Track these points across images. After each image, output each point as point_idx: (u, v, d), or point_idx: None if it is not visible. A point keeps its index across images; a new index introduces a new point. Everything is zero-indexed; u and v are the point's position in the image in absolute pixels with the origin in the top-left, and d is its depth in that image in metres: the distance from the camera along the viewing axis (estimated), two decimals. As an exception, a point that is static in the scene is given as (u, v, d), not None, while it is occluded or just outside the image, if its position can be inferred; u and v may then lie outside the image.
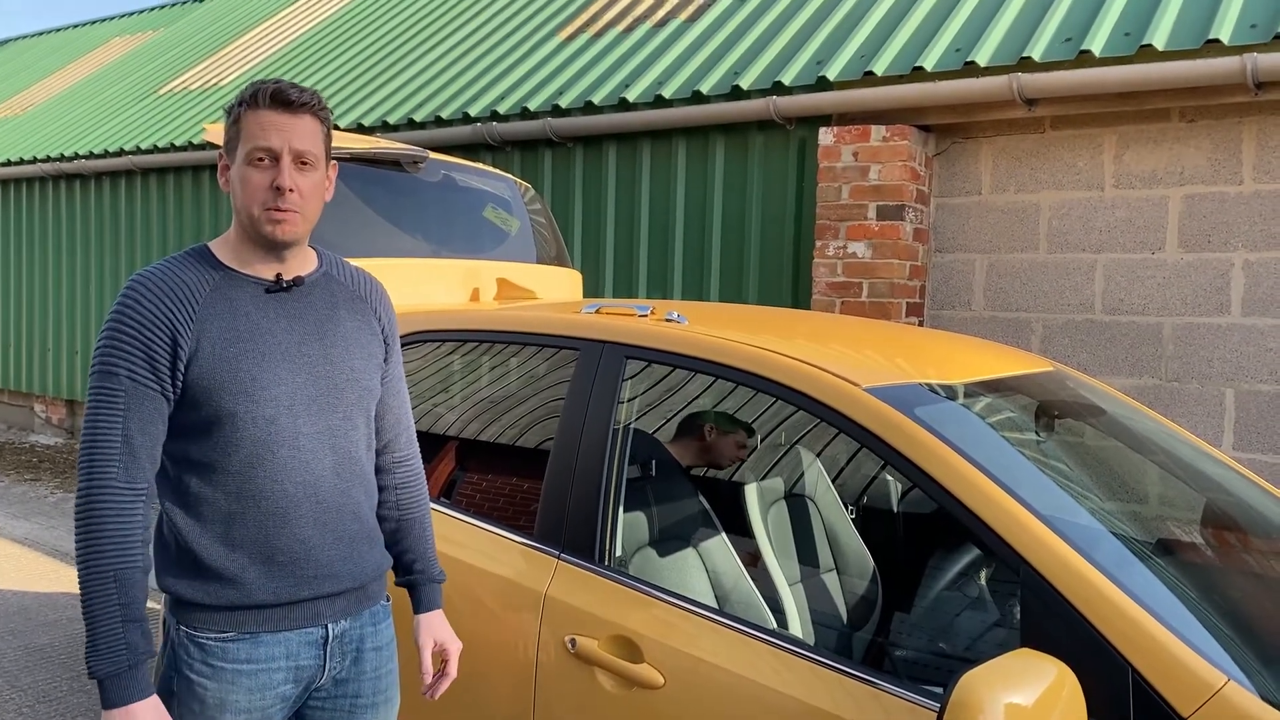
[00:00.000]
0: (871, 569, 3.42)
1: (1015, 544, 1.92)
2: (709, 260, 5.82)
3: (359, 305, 1.98)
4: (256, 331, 1.81)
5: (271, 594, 1.83)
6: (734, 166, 5.74)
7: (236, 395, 1.77)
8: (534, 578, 2.47)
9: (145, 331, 1.75)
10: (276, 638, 1.83)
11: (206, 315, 1.78)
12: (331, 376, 1.87)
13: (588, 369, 2.61)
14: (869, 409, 2.19)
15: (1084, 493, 2.29)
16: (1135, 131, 4.75)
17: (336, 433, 1.88)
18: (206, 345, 1.77)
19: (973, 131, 5.16)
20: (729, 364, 2.41)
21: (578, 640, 2.33)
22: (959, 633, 2.49)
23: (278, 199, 1.79)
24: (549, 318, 2.83)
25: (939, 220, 5.30)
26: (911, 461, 2.09)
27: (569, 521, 2.49)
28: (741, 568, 2.87)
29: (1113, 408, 2.81)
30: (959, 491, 2.02)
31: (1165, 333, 4.72)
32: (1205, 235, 4.62)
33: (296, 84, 1.87)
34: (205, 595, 1.80)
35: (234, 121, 1.81)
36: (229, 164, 1.84)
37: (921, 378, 2.43)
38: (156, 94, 10.09)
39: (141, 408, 1.75)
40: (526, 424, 2.92)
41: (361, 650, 1.95)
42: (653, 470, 2.86)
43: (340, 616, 1.90)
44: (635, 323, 2.63)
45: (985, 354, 2.89)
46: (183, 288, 1.79)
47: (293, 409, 1.81)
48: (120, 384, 1.74)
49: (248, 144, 1.79)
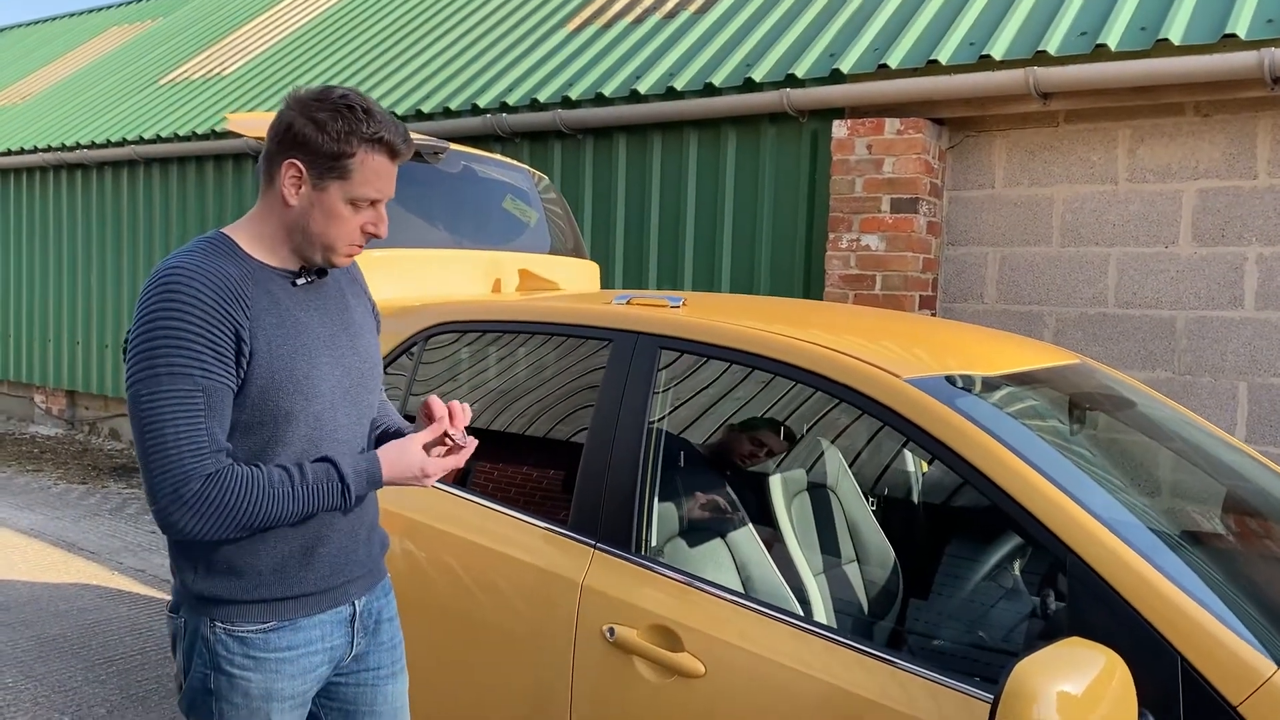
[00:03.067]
0: (893, 560, 3.43)
1: (1063, 535, 1.93)
2: (720, 253, 5.83)
3: (356, 287, 2.01)
4: (299, 327, 1.80)
5: (312, 584, 1.85)
6: (745, 159, 5.75)
7: (293, 394, 1.76)
8: (570, 567, 2.47)
9: (211, 329, 1.68)
10: (313, 620, 1.86)
11: (257, 311, 1.74)
12: (359, 367, 1.90)
13: (621, 360, 2.61)
14: (912, 400, 2.20)
15: (1125, 485, 2.31)
16: (1149, 126, 4.77)
17: (364, 419, 1.91)
18: (263, 343, 1.74)
19: (986, 125, 5.17)
20: (765, 355, 2.42)
21: (616, 629, 2.34)
22: (994, 623, 2.50)
23: (363, 239, 1.80)
24: (581, 309, 2.83)
25: (952, 213, 5.32)
26: (956, 453, 2.10)
27: (605, 512, 2.50)
28: (769, 559, 2.88)
29: (1142, 401, 2.83)
30: (1004, 483, 2.03)
31: (1178, 326, 4.74)
32: (1219, 229, 4.64)
33: (399, 125, 1.78)
34: (243, 591, 1.80)
35: (340, 153, 1.72)
36: (306, 179, 1.74)
37: (958, 369, 2.44)
38: (158, 84, 10.04)
39: (221, 406, 1.70)
40: (557, 415, 2.93)
41: (380, 622, 2.01)
42: (682, 460, 2.87)
43: (363, 592, 1.95)
44: (669, 313, 2.64)
45: (1013, 346, 2.90)
46: (233, 283, 1.73)
47: (334, 403, 1.83)
48: (196, 384, 1.66)
49: (357, 188, 1.74)
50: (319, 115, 1.71)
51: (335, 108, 1.71)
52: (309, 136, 1.71)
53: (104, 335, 9.46)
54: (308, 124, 1.71)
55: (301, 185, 1.74)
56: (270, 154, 1.77)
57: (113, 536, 6.39)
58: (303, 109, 1.73)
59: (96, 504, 7.29)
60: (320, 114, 1.71)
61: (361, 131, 1.71)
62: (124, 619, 4.93)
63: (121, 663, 4.40)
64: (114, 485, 7.89)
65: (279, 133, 1.75)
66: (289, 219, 1.78)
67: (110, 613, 5.01)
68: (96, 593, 5.31)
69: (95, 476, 8.17)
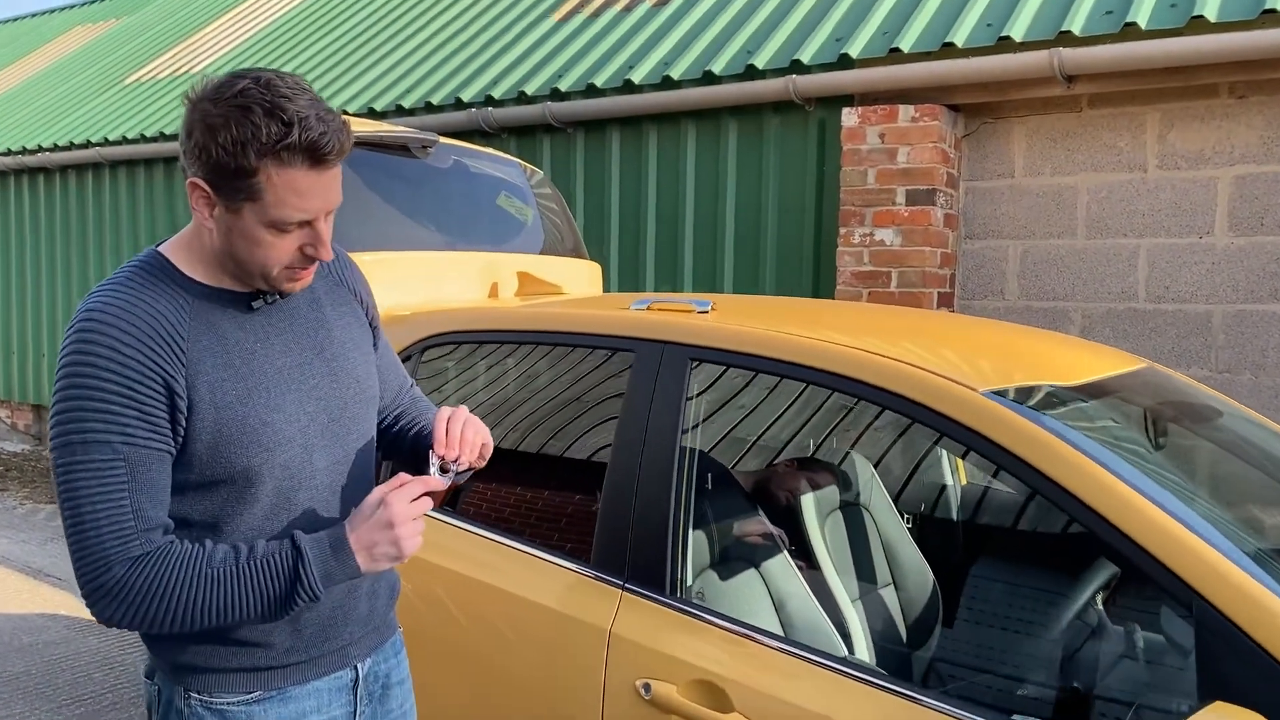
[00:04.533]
0: (932, 583, 3.16)
1: (1189, 577, 1.64)
2: (722, 251, 5.53)
3: (338, 292, 1.68)
4: (253, 362, 1.50)
5: (304, 649, 1.60)
6: (748, 151, 5.44)
7: (250, 448, 1.47)
8: (595, 612, 2.17)
9: (134, 385, 1.39)
10: (305, 689, 1.61)
11: (196, 353, 1.45)
12: (340, 396, 1.60)
13: (646, 373, 2.30)
14: (993, 416, 1.90)
15: (1241, 511, 2.02)
16: (1180, 109, 4.50)
17: (352, 457, 1.62)
18: (204, 391, 1.45)
19: (1003, 111, 4.89)
20: (817, 367, 2.11)
21: (653, 685, 2.04)
22: (1085, 667, 2.21)
23: (305, 262, 1.48)
24: (597, 315, 2.52)
25: (968, 205, 5.04)
26: (1048, 477, 1.81)
27: (633, 547, 2.19)
28: (807, 590, 2.59)
29: (1225, 408, 2.55)
30: (1112, 513, 1.73)
31: (1215, 321, 4.47)
32: (1258, 217, 4.38)
33: (325, 117, 1.38)
34: (222, 658, 1.55)
35: (239, 169, 1.36)
36: (215, 201, 1.41)
37: (1028, 379, 2.15)
38: (123, 83, 9.65)
39: (149, 475, 1.42)
40: (573, 437, 2.62)
41: (388, 686, 1.75)
42: (713, 485, 2.57)
43: (367, 654, 1.69)
44: (700, 320, 2.33)
45: (1078, 351, 2.62)
46: (161, 322, 1.43)
47: (307, 446, 1.54)
48: (116, 453, 1.38)
49: (272, 210, 1.39)
50: (214, 121, 1.35)
51: (227, 110, 1.35)
52: (205, 149, 1.36)
53: (71, 346, 9.04)
54: (204, 130, 1.36)
55: (213, 207, 1.42)
56: (181, 164, 1.45)
57: (81, 561, 6.03)
58: (201, 112, 1.37)
59: (64, 525, 6.91)
60: (215, 119, 1.35)
61: (261, 140, 1.34)
62: (93, 653, 4.59)
63: (91, 702, 4.07)
64: (83, 504, 7.51)
65: (182, 139, 1.41)
66: (213, 243, 1.48)
67: (78, 646, 4.67)
68: (64, 624, 4.96)
69: (63, 495, 7.78)
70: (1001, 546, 3.16)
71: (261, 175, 1.36)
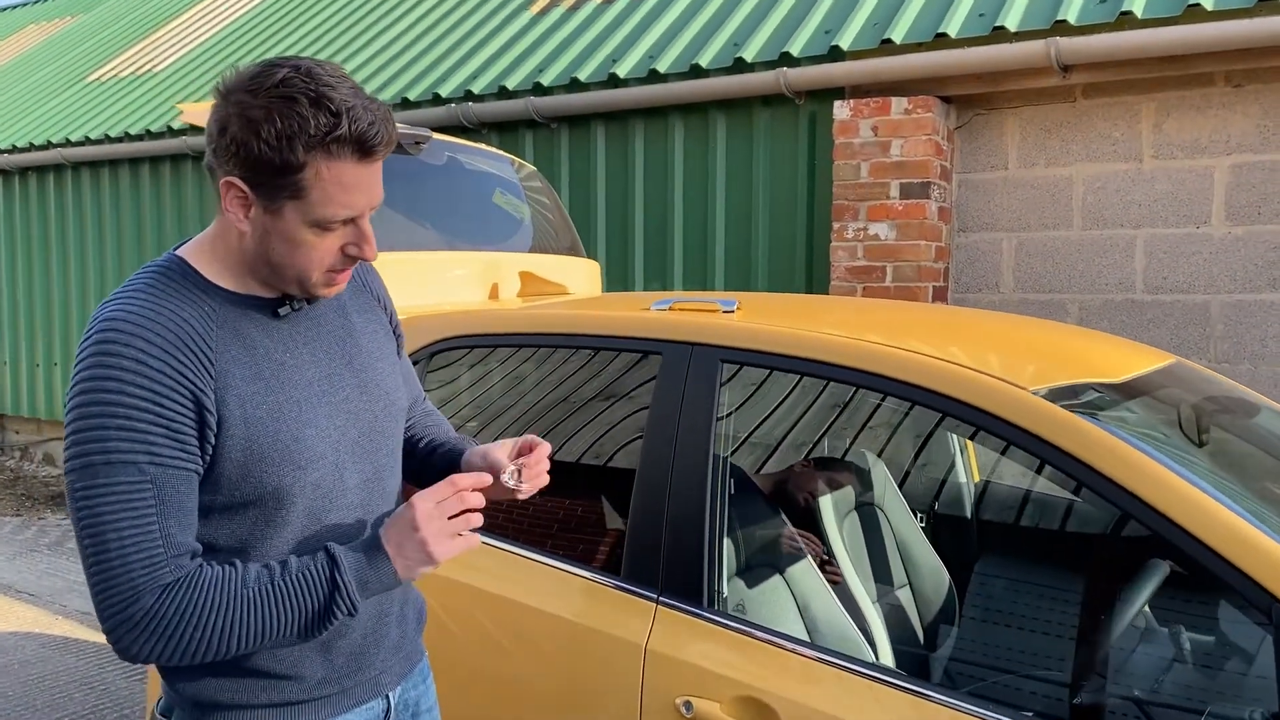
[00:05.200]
0: (948, 583, 3.11)
1: (1267, 582, 1.58)
2: (712, 247, 5.44)
3: (362, 298, 1.61)
4: (284, 374, 1.41)
5: (336, 680, 1.51)
6: (737, 145, 5.36)
7: (281, 466, 1.38)
8: (628, 627, 2.07)
9: (161, 401, 1.29)
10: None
11: (224, 365, 1.35)
12: (371, 409, 1.52)
13: (674, 376, 2.21)
14: (1050, 418, 1.83)
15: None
16: (1176, 98, 4.47)
17: (383, 473, 1.54)
18: (234, 406, 1.35)
19: (997, 102, 4.84)
20: (860, 368, 2.03)
21: (694, 703, 1.95)
22: (1135, 672, 2.15)
23: (346, 263, 1.39)
24: (619, 317, 2.43)
25: (962, 198, 4.99)
26: (1115, 482, 1.74)
27: (666, 557, 2.10)
28: (832, 595, 2.52)
29: (1258, 402, 2.50)
30: (1182, 517, 1.67)
31: (1213, 312, 4.46)
32: (1255, 207, 4.36)
33: (370, 106, 1.31)
34: (249, 693, 1.46)
35: (285, 165, 1.27)
36: (253, 201, 1.32)
37: (1077, 377, 2.09)
38: (84, 81, 9.39)
39: (178, 497, 1.32)
40: (595, 443, 2.52)
41: (417, 715, 1.67)
42: (741, 490, 2.49)
43: (397, 681, 1.60)
44: (730, 321, 2.24)
45: (1110, 346, 2.56)
46: (188, 331, 1.33)
47: (338, 463, 1.45)
48: (143, 474, 1.28)
49: (318, 209, 1.31)
50: (253, 114, 1.27)
51: (271, 102, 1.26)
52: (245, 145, 1.27)
53: (34, 354, 8.80)
54: (242, 125, 1.27)
55: (250, 208, 1.33)
56: (209, 164, 1.35)
57: (53, 575, 5.84)
58: (237, 105, 1.29)
59: (33, 538, 6.70)
60: (255, 111, 1.27)
61: (309, 133, 1.26)
62: (72, 672, 4.43)
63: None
64: (51, 516, 7.30)
65: (212, 137, 1.32)
66: (246, 246, 1.38)
67: (56, 665, 4.50)
68: (39, 642, 4.78)
69: (30, 507, 7.56)
70: (1026, 544, 3.11)
71: (309, 170, 1.27)
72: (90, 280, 8.31)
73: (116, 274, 8.13)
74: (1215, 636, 2.04)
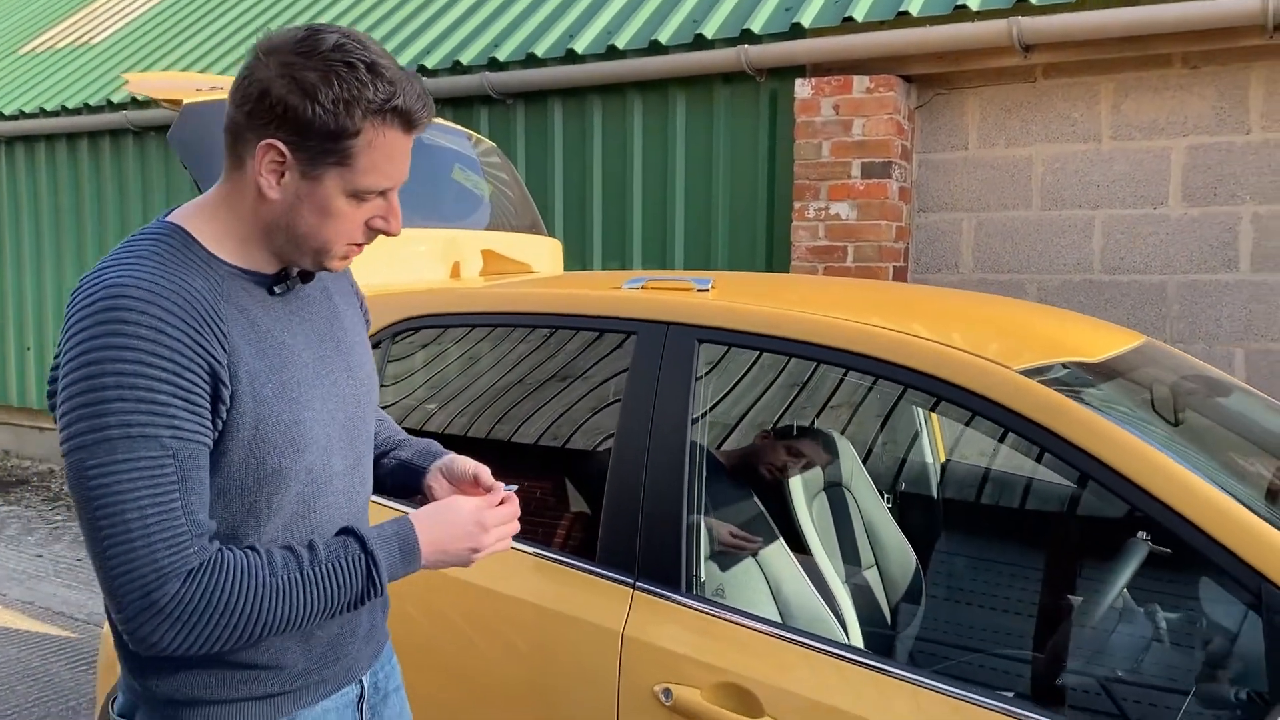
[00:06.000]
0: (914, 563, 3.11)
1: (1258, 563, 1.57)
2: (671, 227, 5.39)
3: (341, 282, 1.59)
4: (284, 353, 1.38)
5: (314, 673, 1.47)
6: (697, 124, 5.30)
7: (283, 448, 1.35)
8: (604, 613, 2.02)
9: (179, 371, 1.24)
10: (315, 712, 1.49)
11: (234, 339, 1.31)
12: (355, 394, 1.50)
13: (649, 356, 2.16)
14: (1034, 397, 1.81)
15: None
16: (1134, 79, 4.50)
17: (362, 459, 1.52)
18: (245, 382, 1.31)
19: (957, 82, 4.84)
20: (841, 348, 2.00)
21: (674, 691, 1.91)
22: (1115, 654, 2.14)
23: (369, 237, 1.38)
24: (590, 296, 2.37)
25: (922, 178, 4.98)
26: (1104, 463, 1.72)
27: (643, 541, 2.06)
28: (805, 577, 2.49)
29: (1232, 384, 2.51)
30: (1175, 500, 1.65)
31: (1169, 292, 4.50)
32: (1211, 188, 4.41)
33: (414, 80, 1.32)
34: (227, 688, 1.40)
35: (340, 131, 1.26)
36: (291, 166, 1.28)
37: (1053, 356, 2.07)
38: (18, 53, 9.06)
39: (198, 474, 1.26)
40: (567, 426, 2.46)
41: (386, 695, 1.65)
42: (716, 472, 2.44)
43: (369, 665, 1.58)
44: (706, 300, 2.19)
45: (1081, 325, 2.55)
46: (203, 302, 1.28)
47: (328, 448, 1.43)
48: (165, 448, 1.22)
49: (362, 178, 1.29)
50: (306, 77, 1.25)
51: (329, 66, 1.25)
52: (294, 108, 1.25)
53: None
54: (292, 89, 1.25)
55: (285, 172, 1.30)
56: (238, 127, 1.30)
57: (-8, 564, 5.66)
58: (284, 66, 1.26)
59: (-30, 526, 6.49)
60: (308, 74, 1.25)
61: (368, 99, 1.25)
62: (14, 663, 4.28)
63: (15, 717, 3.78)
64: (-11, 503, 7.07)
65: (250, 98, 1.28)
66: (268, 215, 1.33)
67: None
68: (-22, 634, 4.62)
69: (-34, 494, 7.32)
70: (995, 523, 3.11)
71: (362, 138, 1.26)
72: (26, 262, 8.03)
73: (54, 256, 7.88)
74: (1194, 616, 2.04)
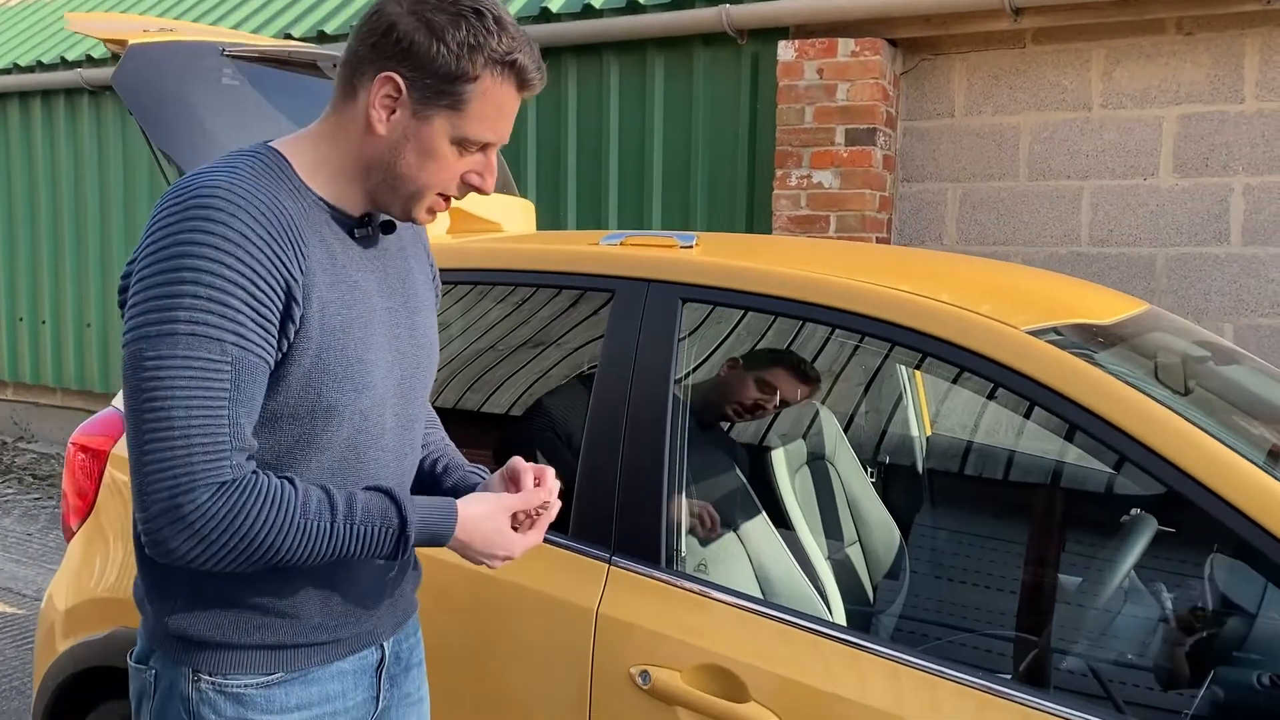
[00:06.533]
0: (898, 540, 3.00)
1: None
2: (649, 194, 5.23)
3: (419, 248, 1.58)
4: (356, 293, 1.38)
5: (335, 625, 1.45)
6: (676, 87, 5.14)
7: (342, 383, 1.34)
8: (578, 590, 1.89)
9: (258, 282, 1.24)
10: (330, 670, 1.46)
11: (312, 264, 1.32)
12: (415, 356, 1.49)
13: (628, 316, 2.01)
14: (1047, 359, 1.68)
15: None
16: (1126, 45, 4.38)
17: (415, 424, 1.51)
18: (316, 308, 1.31)
19: (944, 46, 4.70)
20: (835, 306, 1.85)
21: (652, 673, 1.78)
22: (1122, 635, 2.03)
23: (462, 191, 1.39)
24: (564, 251, 2.21)
25: (906, 146, 4.85)
26: (1120, 429, 1.59)
27: (620, 513, 1.91)
28: (788, 553, 2.37)
29: (1238, 350, 2.40)
30: (1193, 467, 1.53)
31: (1158, 265, 4.40)
32: (1203, 158, 4.30)
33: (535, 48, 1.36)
34: (242, 632, 1.39)
35: (460, 73, 1.29)
36: (405, 102, 1.30)
37: (1062, 318, 1.94)
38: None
39: (252, 387, 1.26)
40: (535, 389, 2.31)
41: (410, 667, 1.61)
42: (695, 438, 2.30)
43: (393, 631, 1.56)
44: (691, 256, 2.04)
45: (1082, 290, 2.43)
46: (290, 219, 1.29)
47: (383, 400, 1.42)
48: (226, 354, 1.22)
49: (470, 125, 1.32)
50: (436, 18, 1.30)
51: (459, 11, 1.31)
52: (419, 45, 1.29)
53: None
54: (419, 27, 1.29)
55: (396, 109, 1.32)
56: (358, 58, 1.33)
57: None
58: (415, 4, 1.31)
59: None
60: (438, 16, 1.30)
61: (492, 48, 1.30)
62: (-41, 643, 4.10)
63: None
64: (-62, 475, 6.84)
65: (375, 32, 1.31)
66: (370, 150, 1.35)
67: (-61, 635, 4.17)
68: (-79, 610, 4.43)
69: (-86, 465, 7.08)
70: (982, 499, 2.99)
71: (479, 85, 1.30)
72: (-22, 224, 7.76)
73: (6, 220, 7.60)
74: (1205, 594, 1.92)
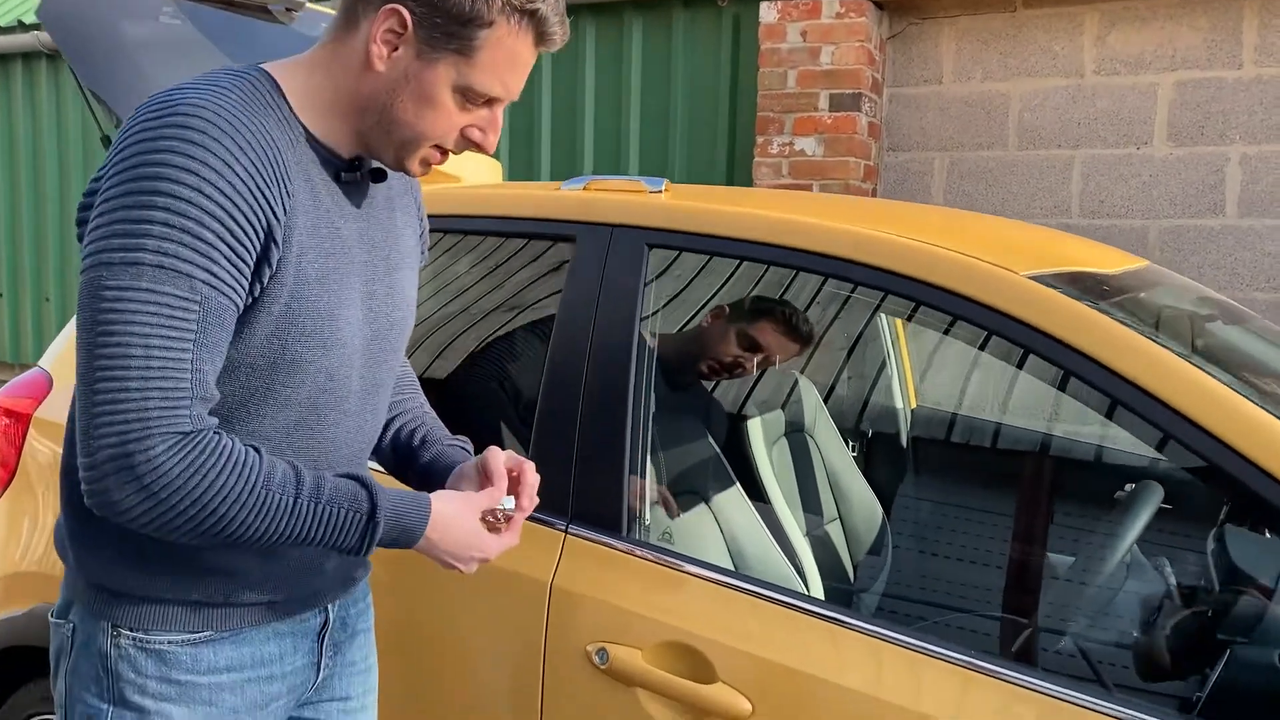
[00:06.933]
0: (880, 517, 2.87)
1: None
2: (625, 160, 5.05)
3: (407, 200, 1.45)
4: (336, 241, 1.26)
5: (269, 591, 1.33)
6: (654, 50, 4.95)
7: (310, 337, 1.23)
8: (529, 561, 1.72)
9: (234, 216, 1.12)
10: (265, 631, 1.35)
11: (295, 205, 1.20)
12: (389, 315, 1.37)
13: (590, 264, 1.83)
14: (1051, 305, 1.52)
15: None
16: (1120, 9, 4.22)
17: (380, 389, 1.39)
18: (294, 253, 1.20)
19: (932, 10, 4.53)
20: (820, 251, 1.69)
21: (609, 651, 1.61)
22: (1125, 612, 1.87)
23: (461, 146, 1.27)
24: (520, 195, 2.04)
25: (892, 114, 4.68)
26: (1133, 382, 1.43)
27: (578, 479, 1.75)
28: (764, 528, 2.22)
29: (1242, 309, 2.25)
30: (1211, 422, 1.38)
31: (1151, 237, 4.26)
32: (1198, 127, 4.15)
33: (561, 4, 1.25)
34: (168, 586, 1.28)
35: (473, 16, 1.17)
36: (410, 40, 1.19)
37: (1064, 266, 1.78)
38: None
39: (219, 332, 1.14)
40: (488, 342, 2.13)
41: (355, 632, 1.50)
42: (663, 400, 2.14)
43: (341, 593, 1.44)
44: (658, 201, 1.87)
45: (1077, 244, 2.28)
46: (277, 152, 1.17)
47: (350, 360, 1.31)
48: (195, 292, 1.10)
49: (478, 74, 1.20)
50: None
51: None
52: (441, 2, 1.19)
53: None
54: None
55: (399, 46, 1.20)
56: None
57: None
58: None
59: None
60: None
61: (515, 5, 1.18)
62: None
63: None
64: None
65: None
66: (367, 88, 1.23)
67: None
68: None
69: None
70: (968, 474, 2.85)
71: (492, 31, 1.18)
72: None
73: (-36, 187, 7.35)
74: (1217, 567, 1.77)
